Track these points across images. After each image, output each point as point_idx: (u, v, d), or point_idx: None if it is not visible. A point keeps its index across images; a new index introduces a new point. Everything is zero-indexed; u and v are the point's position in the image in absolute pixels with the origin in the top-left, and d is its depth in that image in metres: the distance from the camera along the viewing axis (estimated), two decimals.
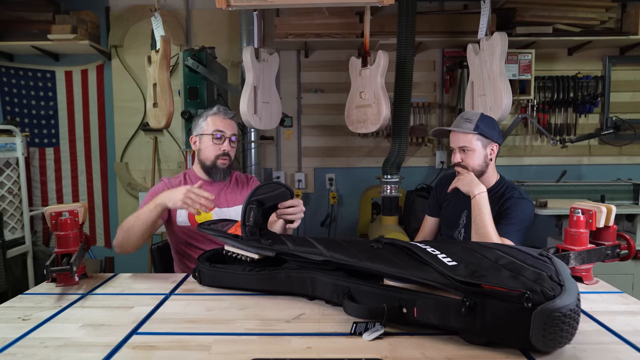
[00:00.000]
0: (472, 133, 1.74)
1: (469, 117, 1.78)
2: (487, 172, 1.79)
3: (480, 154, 1.76)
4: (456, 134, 1.78)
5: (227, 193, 1.87)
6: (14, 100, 3.45)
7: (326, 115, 3.48)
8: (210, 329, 1.05)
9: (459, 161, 1.77)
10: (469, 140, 1.75)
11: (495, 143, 1.78)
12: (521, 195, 1.75)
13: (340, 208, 3.57)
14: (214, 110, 1.84)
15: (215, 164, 1.80)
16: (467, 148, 1.75)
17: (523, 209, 1.71)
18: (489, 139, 1.76)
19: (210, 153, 1.79)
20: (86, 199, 3.56)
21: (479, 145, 1.75)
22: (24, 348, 0.96)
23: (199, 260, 1.38)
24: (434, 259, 1.02)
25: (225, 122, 1.81)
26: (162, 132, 3.47)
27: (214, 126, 1.79)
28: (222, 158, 1.79)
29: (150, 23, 2.55)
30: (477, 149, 1.75)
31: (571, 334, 0.86)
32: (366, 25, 2.49)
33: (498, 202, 1.75)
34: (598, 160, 3.48)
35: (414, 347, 0.93)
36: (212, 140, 1.78)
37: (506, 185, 1.81)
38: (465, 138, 1.75)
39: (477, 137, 1.74)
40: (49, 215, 1.39)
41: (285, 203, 1.45)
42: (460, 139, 1.76)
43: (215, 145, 1.79)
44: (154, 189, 1.81)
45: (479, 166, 1.77)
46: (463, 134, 1.75)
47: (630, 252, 1.33)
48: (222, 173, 1.81)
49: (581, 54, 3.36)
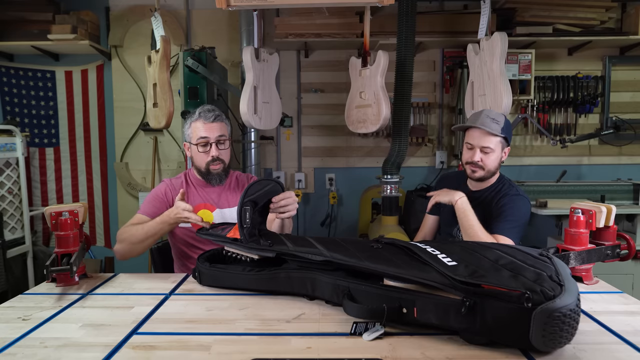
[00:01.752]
0: (499, 135, 1.73)
1: (494, 117, 1.75)
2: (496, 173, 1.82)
3: (498, 156, 1.77)
4: (482, 133, 1.74)
5: (227, 194, 1.86)
6: (14, 100, 3.45)
7: (326, 115, 3.48)
8: (210, 329, 1.05)
9: (478, 160, 1.75)
10: (494, 142, 1.74)
11: (509, 146, 1.80)
12: (517, 192, 1.77)
13: (340, 208, 3.57)
14: (195, 115, 1.77)
15: (209, 171, 1.77)
16: (489, 149, 1.74)
17: (520, 206, 1.72)
18: (507, 142, 1.78)
19: (201, 161, 1.76)
20: (86, 199, 3.55)
21: (499, 147, 1.76)
22: (24, 348, 0.96)
23: (199, 261, 1.38)
24: (434, 259, 1.02)
25: (208, 126, 1.74)
26: (162, 132, 3.46)
27: (197, 134, 1.74)
28: (213, 164, 1.76)
29: (150, 23, 2.54)
30: (496, 151, 1.76)
31: (571, 334, 0.86)
32: (366, 25, 2.49)
33: (496, 198, 1.78)
34: (598, 160, 3.48)
35: (414, 347, 0.93)
36: (197, 149, 1.75)
37: (504, 182, 1.83)
38: (491, 139, 1.74)
39: (500, 140, 1.75)
40: (49, 215, 1.39)
41: (277, 197, 1.43)
42: (485, 139, 1.74)
43: (202, 154, 1.75)
44: (155, 189, 1.81)
45: (495, 168, 1.78)
46: (490, 135, 1.73)
47: (630, 252, 1.34)
48: (217, 178, 1.79)
49: (581, 54, 3.36)
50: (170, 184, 1.82)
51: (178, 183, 1.83)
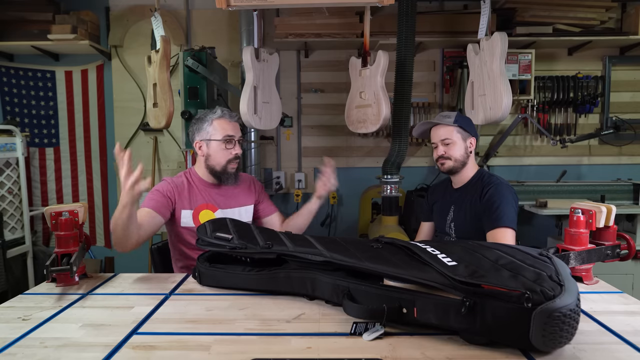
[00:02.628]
0: (452, 126, 1.87)
1: (446, 114, 1.92)
2: (468, 164, 1.91)
3: (461, 146, 1.88)
4: (437, 128, 1.90)
5: (230, 195, 1.85)
6: (14, 100, 3.45)
7: (326, 115, 3.48)
8: (210, 329, 1.05)
9: (442, 153, 1.88)
10: (450, 132, 1.87)
11: (473, 137, 1.91)
12: (499, 181, 1.84)
13: (340, 208, 3.57)
14: (217, 113, 1.79)
15: (226, 170, 1.77)
16: (449, 140, 1.87)
17: (506, 194, 1.78)
18: (468, 132, 1.88)
19: (222, 158, 1.76)
20: (86, 199, 3.55)
21: (459, 137, 1.87)
22: (24, 348, 0.96)
23: (199, 261, 1.38)
24: (434, 259, 1.02)
25: (233, 125, 1.78)
26: (162, 132, 3.46)
27: (223, 131, 1.75)
28: (233, 162, 1.78)
29: (150, 23, 2.54)
30: (457, 141, 1.87)
31: (571, 334, 0.86)
32: (366, 25, 2.49)
33: (479, 189, 1.84)
34: (598, 160, 3.48)
35: (414, 347, 0.93)
36: (223, 146, 1.75)
37: (484, 174, 1.92)
38: (447, 130, 1.87)
39: (457, 130, 1.87)
40: (49, 215, 1.39)
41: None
42: (441, 132, 1.88)
43: (226, 151, 1.76)
44: (157, 187, 1.79)
45: (461, 157, 1.88)
46: (444, 126, 1.88)
47: (630, 252, 1.34)
48: (233, 177, 1.80)
49: (581, 54, 3.36)
50: (172, 183, 1.80)
51: (179, 182, 1.82)
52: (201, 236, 1.39)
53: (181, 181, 1.82)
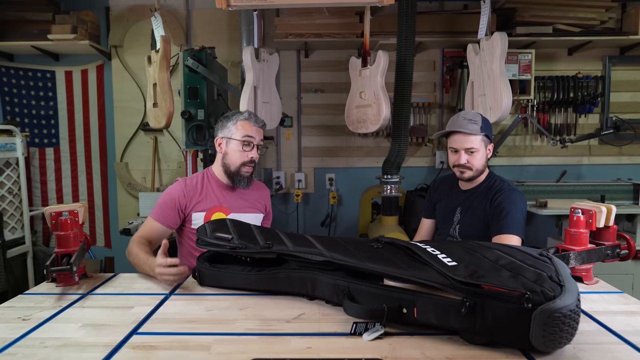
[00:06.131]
0: (479, 135, 1.77)
1: (471, 117, 1.79)
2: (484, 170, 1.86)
3: (483, 154, 1.81)
4: (463, 136, 1.78)
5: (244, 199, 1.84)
6: (14, 100, 3.45)
7: (326, 115, 3.48)
8: (210, 329, 1.05)
9: (465, 162, 1.79)
10: (476, 142, 1.77)
11: (491, 143, 1.84)
12: (510, 187, 1.80)
13: (340, 208, 3.57)
14: (244, 115, 1.79)
15: (239, 171, 1.76)
16: (474, 149, 1.77)
17: (517, 201, 1.75)
18: (489, 138, 1.82)
19: (237, 159, 1.75)
20: (86, 199, 3.55)
21: (482, 145, 1.80)
22: (24, 348, 0.96)
23: (199, 261, 1.38)
24: (434, 259, 1.02)
25: (256, 129, 1.77)
26: (162, 132, 3.46)
27: (244, 131, 1.75)
28: (248, 165, 1.76)
29: (150, 23, 2.54)
30: (480, 150, 1.79)
31: (571, 334, 0.86)
32: (366, 25, 2.49)
33: (490, 194, 1.80)
34: (598, 160, 3.48)
35: (414, 347, 0.93)
36: (240, 146, 1.74)
37: (495, 178, 1.87)
38: (473, 139, 1.77)
39: (481, 138, 1.78)
40: (49, 215, 1.39)
41: None
42: (467, 140, 1.77)
43: (242, 152, 1.75)
44: (169, 191, 1.76)
45: (482, 166, 1.82)
46: (471, 135, 1.77)
47: (630, 252, 1.34)
48: (245, 181, 1.78)
49: (581, 54, 3.36)
50: (185, 187, 1.77)
51: (192, 183, 1.79)
52: (201, 236, 1.38)
53: (195, 183, 1.80)
